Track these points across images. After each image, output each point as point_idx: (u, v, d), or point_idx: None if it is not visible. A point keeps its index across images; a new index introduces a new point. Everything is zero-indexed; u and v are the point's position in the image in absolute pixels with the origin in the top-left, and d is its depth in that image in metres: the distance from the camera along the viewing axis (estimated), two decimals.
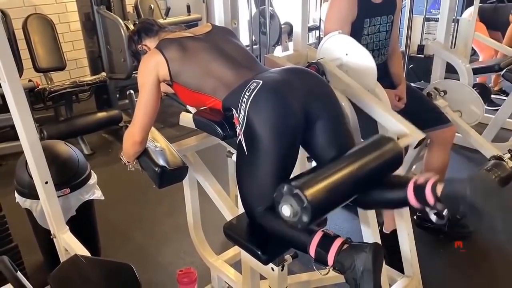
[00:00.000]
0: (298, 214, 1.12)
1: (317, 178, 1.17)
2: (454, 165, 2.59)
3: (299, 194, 1.10)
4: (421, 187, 1.20)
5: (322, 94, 1.37)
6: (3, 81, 1.54)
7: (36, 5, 4.32)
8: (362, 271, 1.10)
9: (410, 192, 1.21)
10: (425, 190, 1.18)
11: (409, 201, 1.23)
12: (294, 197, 1.11)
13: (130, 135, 1.52)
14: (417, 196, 1.21)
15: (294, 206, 1.12)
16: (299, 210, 1.11)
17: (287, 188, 1.13)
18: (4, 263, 1.29)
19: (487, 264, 2.21)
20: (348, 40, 1.74)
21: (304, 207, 1.10)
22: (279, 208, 1.15)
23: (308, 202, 1.10)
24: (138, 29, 1.69)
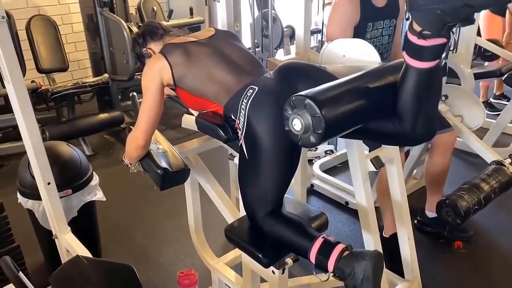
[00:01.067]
0: (308, 133, 1.01)
1: (331, 89, 1.04)
2: (455, 170, 2.59)
3: (305, 99, 0.99)
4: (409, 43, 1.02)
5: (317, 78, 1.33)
6: (7, 81, 1.54)
7: (39, 6, 4.33)
8: (362, 279, 1.10)
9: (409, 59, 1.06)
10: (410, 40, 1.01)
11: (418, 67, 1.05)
12: (305, 108, 0.99)
13: (134, 139, 1.53)
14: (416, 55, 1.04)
15: (306, 118, 1.00)
16: (310, 130, 1.00)
17: (298, 98, 1.01)
18: (6, 263, 1.30)
19: (488, 268, 2.21)
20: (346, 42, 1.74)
21: (313, 110, 0.99)
22: (290, 118, 1.04)
23: (317, 103, 0.98)
24: (143, 32, 1.70)
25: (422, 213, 2.43)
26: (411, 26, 0.99)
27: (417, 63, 1.04)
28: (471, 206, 1.86)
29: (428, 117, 1.17)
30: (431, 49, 1.00)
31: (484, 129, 2.95)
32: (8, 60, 1.49)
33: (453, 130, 2.25)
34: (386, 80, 1.15)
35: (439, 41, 0.99)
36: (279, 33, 4.02)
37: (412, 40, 1.01)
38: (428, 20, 0.95)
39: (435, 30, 0.96)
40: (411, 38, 1.01)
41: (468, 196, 1.86)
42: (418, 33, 0.98)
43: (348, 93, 1.07)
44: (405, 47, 1.05)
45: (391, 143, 1.41)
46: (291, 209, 1.37)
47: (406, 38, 1.02)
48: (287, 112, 1.05)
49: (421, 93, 1.11)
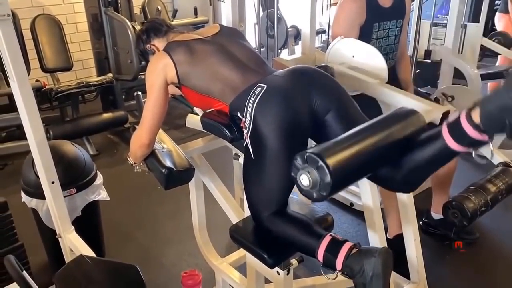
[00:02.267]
0: (318, 184, 1.02)
1: (338, 144, 1.08)
2: (461, 171, 2.57)
3: (318, 161, 1.01)
4: (457, 124, 1.05)
5: (328, 87, 1.36)
6: (12, 80, 1.54)
7: (44, 5, 4.34)
8: (372, 276, 1.09)
9: (447, 136, 1.07)
10: (461, 124, 1.03)
11: (450, 147, 1.08)
12: (313, 165, 1.02)
13: (138, 137, 1.52)
14: (456, 137, 1.06)
15: (313, 174, 1.02)
16: (318, 179, 1.02)
17: (305, 155, 1.04)
18: (10, 262, 1.29)
19: (494, 271, 2.19)
20: (353, 42, 1.74)
21: (324, 175, 1.01)
22: (298, 175, 1.06)
23: (328, 168, 1.00)
24: (147, 28, 1.69)
25: (428, 214, 2.41)
26: (470, 113, 1.02)
27: (453, 144, 1.08)
28: (477, 208, 1.84)
29: (424, 177, 1.27)
30: (475, 141, 1.04)
31: None
32: (13, 58, 1.49)
33: None
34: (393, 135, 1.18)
35: (485, 138, 1.03)
36: (284, 33, 4.02)
37: (464, 126, 1.03)
38: (494, 124, 0.99)
39: (491, 131, 1.02)
40: (464, 124, 1.03)
41: (474, 198, 1.84)
42: (475, 124, 1.01)
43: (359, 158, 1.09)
44: (451, 126, 1.08)
45: (380, 184, 1.43)
46: (296, 210, 1.36)
47: (458, 119, 1.05)
48: (297, 162, 1.07)
49: (434, 163, 1.19)
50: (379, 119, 1.21)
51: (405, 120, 1.20)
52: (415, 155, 1.16)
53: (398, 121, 1.20)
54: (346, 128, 1.20)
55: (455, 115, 1.07)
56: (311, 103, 1.30)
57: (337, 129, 1.31)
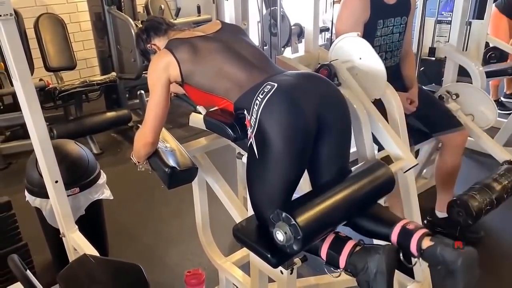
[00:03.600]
0: (291, 241, 1.16)
1: (313, 209, 1.21)
2: (466, 169, 2.56)
3: (296, 226, 1.14)
4: (408, 233, 1.21)
5: (335, 103, 1.35)
6: (15, 79, 1.54)
7: (47, 4, 4.35)
8: (375, 273, 1.08)
9: (395, 234, 1.24)
10: (411, 238, 1.20)
11: (391, 240, 1.25)
12: (290, 227, 1.15)
13: (142, 135, 1.51)
14: (400, 240, 1.23)
15: (288, 234, 1.16)
16: (292, 238, 1.15)
17: (285, 216, 1.16)
18: (13, 261, 1.29)
19: (499, 269, 2.18)
20: (362, 43, 1.72)
21: (297, 238, 1.15)
22: (274, 231, 1.19)
23: (302, 233, 1.14)
24: (146, 27, 1.66)
25: (432, 213, 2.40)
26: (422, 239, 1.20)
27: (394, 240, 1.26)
28: (482, 207, 1.83)
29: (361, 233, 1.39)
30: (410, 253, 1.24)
31: (495, 129, 2.91)
32: (16, 58, 1.49)
33: (464, 129, 2.22)
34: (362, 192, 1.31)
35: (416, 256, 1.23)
36: (287, 31, 4.00)
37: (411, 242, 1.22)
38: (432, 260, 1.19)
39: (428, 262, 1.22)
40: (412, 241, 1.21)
41: (479, 196, 1.84)
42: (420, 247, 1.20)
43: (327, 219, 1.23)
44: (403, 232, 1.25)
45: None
46: None
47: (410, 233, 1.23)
48: (273, 219, 1.20)
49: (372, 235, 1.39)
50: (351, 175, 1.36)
51: (374, 174, 1.36)
52: (367, 223, 1.33)
53: (367, 176, 1.35)
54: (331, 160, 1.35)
55: (413, 226, 1.23)
56: (318, 112, 1.28)
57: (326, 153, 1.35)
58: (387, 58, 2.10)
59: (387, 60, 2.10)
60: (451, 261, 1.12)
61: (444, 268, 1.13)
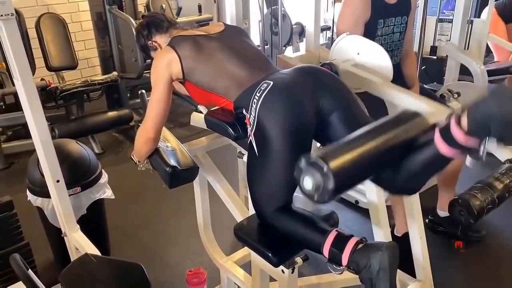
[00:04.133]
0: (321, 186, 1.04)
1: (341, 147, 1.09)
2: (467, 168, 2.55)
3: (324, 166, 1.02)
4: (447, 129, 1.06)
5: (334, 87, 1.35)
6: (16, 79, 1.55)
7: (48, 4, 4.35)
8: (378, 270, 1.08)
9: (439, 141, 1.09)
10: (451, 130, 1.05)
11: (441, 151, 1.09)
12: (316, 168, 1.03)
13: (144, 132, 1.52)
14: (447, 142, 1.07)
15: (317, 177, 1.03)
16: (321, 182, 1.03)
17: (311, 159, 1.05)
18: (15, 260, 1.30)
19: (500, 269, 2.18)
20: (358, 39, 1.72)
21: (327, 177, 1.02)
22: (301, 178, 1.07)
23: (331, 172, 1.01)
24: (148, 23, 1.66)
25: (434, 212, 2.40)
26: (459, 118, 1.02)
27: (444, 148, 1.08)
28: (484, 206, 1.82)
29: (422, 182, 1.25)
30: (463, 145, 1.04)
31: None
32: (18, 58, 1.50)
33: None
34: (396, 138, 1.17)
35: (474, 143, 1.02)
36: (288, 31, 4.00)
37: (453, 130, 1.03)
38: (479, 129, 1.00)
39: (479, 136, 1.01)
40: (453, 128, 1.03)
41: (481, 195, 1.83)
42: (462, 127, 1.02)
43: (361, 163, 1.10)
44: (442, 130, 1.08)
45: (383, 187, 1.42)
46: (300, 207, 1.35)
47: (448, 124, 1.05)
48: (301, 164, 1.07)
49: (428, 168, 1.19)
50: (383, 121, 1.20)
51: (409, 122, 1.20)
52: (411, 160, 1.17)
53: (401, 124, 1.20)
54: (350, 130, 1.19)
55: (445, 120, 1.08)
56: (317, 103, 1.30)
57: (341, 130, 1.30)
58: None
59: None
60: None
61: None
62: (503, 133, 0.97)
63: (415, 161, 1.16)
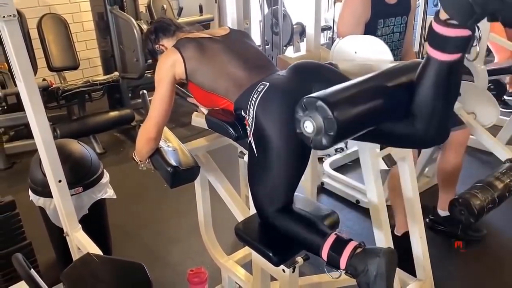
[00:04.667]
0: (322, 125, 1.00)
1: (343, 90, 1.04)
2: (468, 168, 2.56)
3: (316, 101, 0.99)
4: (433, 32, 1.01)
5: (331, 79, 1.32)
6: (18, 80, 1.55)
7: (50, 5, 4.36)
8: (375, 276, 1.09)
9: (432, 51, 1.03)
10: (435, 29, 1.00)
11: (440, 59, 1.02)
12: (312, 107, 1.00)
13: (145, 131, 1.54)
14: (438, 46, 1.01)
15: (317, 120, 0.99)
16: (321, 119, 0.99)
17: (309, 100, 1.01)
18: (18, 260, 1.30)
19: (501, 268, 2.18)
20: (357, 38, 1.72)
21: (325, 112, 0.98)
22: (302, 128, 1.04)
23: (329, 105, 0.97)
24: (156, 28, 1.70)
25: (434, 211, 2.40)
26: (438, 15, 0.98)
27: (439, 54, 1.01)
28: (484, 205, 1.83)
29: (443, 117, 1.12)
30: (455, 40, 0.98)
31: (498, 127, 2.91)
32: (20, 58, 1.51)
33: (466, 127, 2.22)
34: (400, 80, 1.13)
35: (464, 32, 0.97)
36: (289, 30, 4.00)
37: (437, 30, 0.99)
38: (457, 8, 0.93)
39: (463, 19, 0.94)
40: (436, 28, 0.99)
41: (481, 195, 1.84)
42: (444, 21, 0.97)
43: (360, 94, 1.06)
44: (429, 38, 1.03)
45: (404, 145, 1.38)
46: (301, 207, 1.36)
47: (430, 28, 1.01)
48: (298, 114, 1.05)
49: (439, 90, 1.07)
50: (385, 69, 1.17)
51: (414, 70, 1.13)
52: (420, 92, 1.08)
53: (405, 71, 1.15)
54: None
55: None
56: None
57: None
58: None
59: None
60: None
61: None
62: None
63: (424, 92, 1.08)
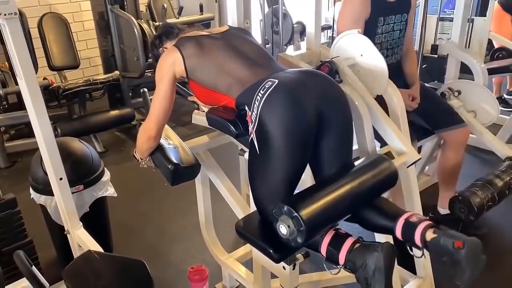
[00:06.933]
0: (294, 234, 1.17)
1: (316, 202, 1.21)
2: (468, 166, 2.56)
3: (298, 218, 1.14)
4: (412, 226, 1.23)
5: (336, 99, 1.36)
6: (20, 78, 1.56)
7: (51, 4, 4.37)
8: (374, 270, 1.10)
9: (399, 227, 1.25)
10: (415, 231, 1.21)
11: (396, 235, 1.27)
12: (293, 219, 1.16)
13: (146, 130, 1.54)
14: (404, 232, 1.24)
15: (291, 227, 1.16)
16: (295, 231, 1.16)
17: (287, 209, 1.17)
18: (19, 257, 1.31)
19: (502, 266, 2.18)
20: (363, 40, 1.72)
21: (300, 230, 1.15)
22: (277, 225, 1.20)
23: (305, 225, 1.14)
24: (160, 34, 1.73)
25: (435, 209, 2.41)
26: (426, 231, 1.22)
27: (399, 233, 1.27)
28: (484, 203, 1.84)
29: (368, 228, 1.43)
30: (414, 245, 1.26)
31: (498, 125, 2.91)
32: (21, 57, 1.51)
33: (466, 126, 2.22)
34: (365, 186, 1.31)
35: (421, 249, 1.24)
36: (289, 30, 4.01)
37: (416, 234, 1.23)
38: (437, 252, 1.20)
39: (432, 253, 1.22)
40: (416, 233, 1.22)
41: (481, 193, 1.84)
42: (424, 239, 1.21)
43: (331, 210, 1.23)
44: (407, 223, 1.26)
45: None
46: None
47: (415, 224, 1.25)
48: (276, 213, 1.21)
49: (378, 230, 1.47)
50: (355, 169, 1.35)
51: (378, 168, 1.36)
52: (372, 217, 1.34)
53: (370, 170, 1.35)
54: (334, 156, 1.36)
55: (416, 218, 1.24)
56: (319, 109, 1.29)
57: (329, 149, 1.36)
58: (388, 55, 2.11)
59: (388, 57, 2.10)
60: (455, 251, 1.13)
61: (449, 258, 1.14)
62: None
63: (373, 220, 1.35)
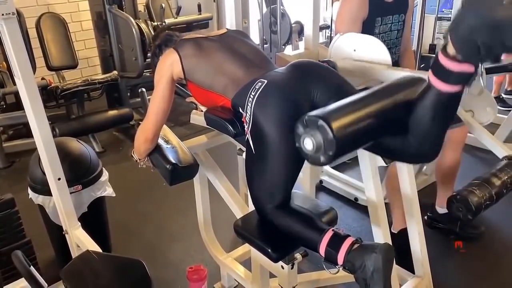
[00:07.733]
0: (322, 144, 1.02)
1: (338, 105, 1.07)
2: (466, 165, 2.57)
3: (318, 120, 1.01)
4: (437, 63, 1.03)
5: (327, 77, 1.35)
6: (18, 78, 1.56)
7: (49, 4, 4.36)
8: (372, 271, 1.10)
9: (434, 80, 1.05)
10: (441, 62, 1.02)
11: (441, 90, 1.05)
12: (313, 126, 1.02)
13: (143, 131, 1.55)
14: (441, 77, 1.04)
15: (318, 139, 1.02)
16: (321, 139, 1.02)
17: (311, 118, 1.03)
18: (17, 257, 1.31)
19: (499, 265, 2.19)
20: (354, 36, 1.73)
21: (326, 133, 1.01)
22: (301, 144, 1.06)
23: (330, 126, 1.00)
24: (159, 43, 1.73)
25: (433, 209, 2.41)
26: (445, 48, 1.00)
27: (441, 84, 1.04)
28: (482, 202, 1.83)
29: (437, 138, 1.17)
30: (458, 74, 1.01)
31: (496, 125, 2.92)
32: (19, 57, 1.51)
33: (463, 125, 2.22)
34: (398, 98, 1.16)
35: (468, 68, 1.00)
36: (287, 29, 4.01)
37: (442, 62, 1.01)
38: (465, 47, 0.96)
39: (469, 58, 0.98)
40: (442, 60, 1.01)
41: (479, 192, 1.84)
42: (450, 55, 0.99)
43: (360, 114, 1.08)
44: (433, 67, 1.05)
45: (397, 159, 1.42)
46: (300, 204, 1.37)
47: (436, 59, 1.03)
48: (299, 130, 1.07)
49: (437, 115, 1.11)
50: (384, 86, 1.19)
51: (411, 87, 1.18)
52: (417, 115, 1.12)
53: (403, 88, 1.18)
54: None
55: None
56: (311, 95, 1.31)
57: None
58: None
59: None
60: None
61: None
62: (490, 42, 0.91)
63: (421, 114, 1.11)
